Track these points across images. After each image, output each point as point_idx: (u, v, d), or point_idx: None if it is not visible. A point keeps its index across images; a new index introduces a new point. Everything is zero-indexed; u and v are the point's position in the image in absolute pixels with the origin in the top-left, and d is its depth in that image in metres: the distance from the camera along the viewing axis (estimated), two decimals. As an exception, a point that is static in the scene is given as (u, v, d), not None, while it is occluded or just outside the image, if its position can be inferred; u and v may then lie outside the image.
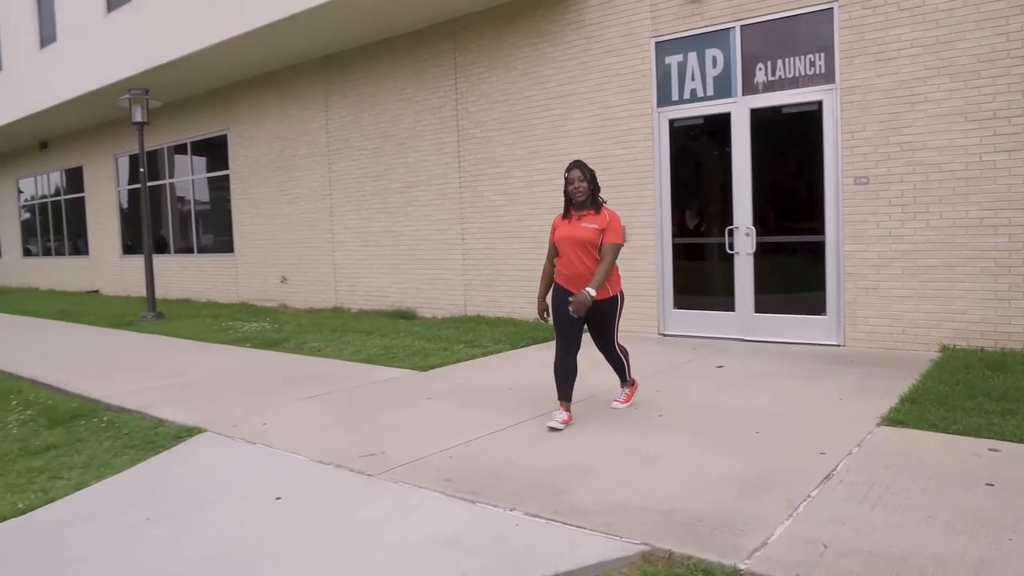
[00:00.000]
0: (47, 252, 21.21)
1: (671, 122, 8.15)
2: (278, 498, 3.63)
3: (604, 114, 8.61)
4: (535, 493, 3.51)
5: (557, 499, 3.42)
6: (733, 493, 3.41)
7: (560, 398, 4.76)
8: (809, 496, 3.34)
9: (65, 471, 4.38)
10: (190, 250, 15.26)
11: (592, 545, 2.94)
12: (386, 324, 9.69)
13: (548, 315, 4.94)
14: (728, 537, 2.93)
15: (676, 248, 8.23)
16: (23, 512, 3.71)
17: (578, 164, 4.77)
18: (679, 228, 8.24)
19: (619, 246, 4.69)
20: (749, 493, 3.41)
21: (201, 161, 15.04)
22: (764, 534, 2.94)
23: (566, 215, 4.84)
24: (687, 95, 8.00)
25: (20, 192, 22.50)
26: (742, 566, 2.69)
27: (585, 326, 4.84)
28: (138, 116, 11.70)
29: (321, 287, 12.19)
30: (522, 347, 7.84)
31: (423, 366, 6.97)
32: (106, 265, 18.14)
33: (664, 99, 8.17)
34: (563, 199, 4.86)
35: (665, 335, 8.23)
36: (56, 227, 20.58)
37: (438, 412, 5.27)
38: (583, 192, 4.71)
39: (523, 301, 9.42)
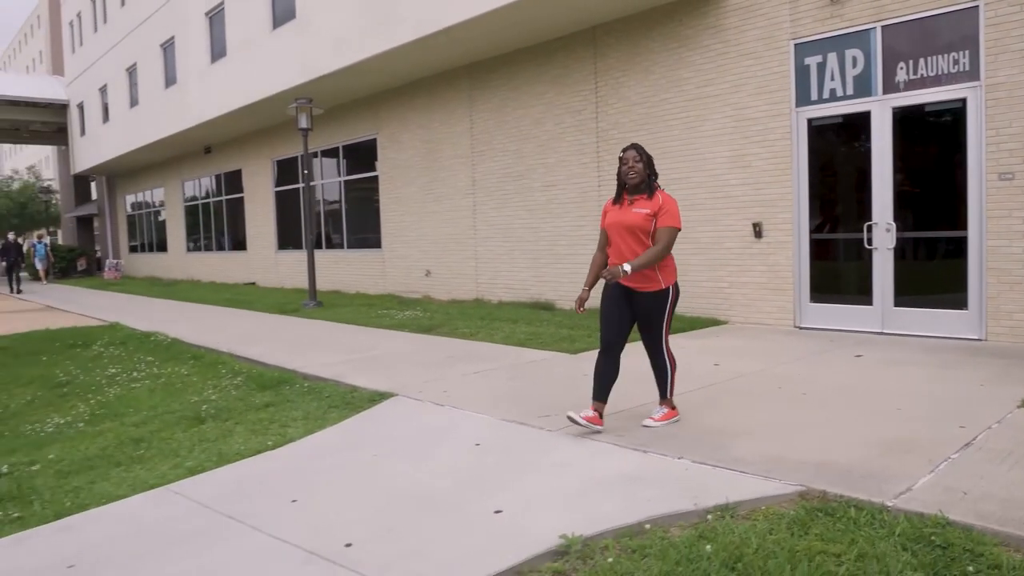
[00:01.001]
0: (208, 247, 23.34)
1: (809, 121, 8.43)
2: (477, 444, 4.35)
3: (740, 115, 8.98)
4: (698, 448, 4.06)
5: (718, 452, 3.96)
6: (877, 453, 3.85)
7: (594, 397, 4.47)
8: (949, 458, 3.73)
9: (290, 422, 5.29)
10: (340, 246, 16.57)
11: (754, 484, 3.47)
12: (529, 314, 10.41)
13: (584, 308, 4.58)
14: (875, 483, 3.39)
15: (813, 243, 8.50)
16: (272, 448, 4.59)
17: (635, 146, 4.48)
18: (816, 224, 8.51)
19: (675, 230, 4.33)
20: (892, 453, 3.83)
21: (351, 163, 16.31)
22: (908, 483, 3.38)
23: (617, 200, 4.52)
24: (826, 95, 8.27)
25: (184, 193, 24.84)
26: (889, 503, 3.15)
27: (635, 325, 4.53)
28: (304, 123, 12.96)
29: (463, 280, 13.08)
30: (661, 335, 8.34)
31: (571, 350, 7.61)
32: (262, 259, 19.87)
33: (802, 99, 8.46)
34: (625, 183, 4.45)
35: (801, 327, 8.52)
36: (217, 224, 22.63)
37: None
38: (638, 173, 4.37)
39: (658, 294, 9.92)
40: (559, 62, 11.25)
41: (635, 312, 4.47)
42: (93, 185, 35.18)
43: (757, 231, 8.83)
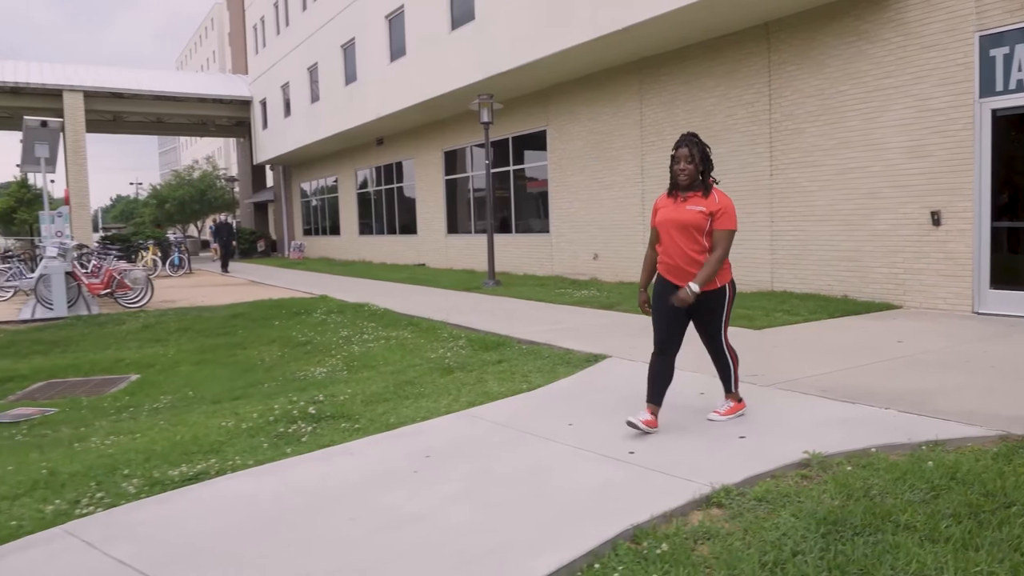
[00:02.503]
0: (379, 231, 25.31)
1: (994, 112, 8.65)
2: (702, 393, 5.21)
3: (922, 105, 9.27)
4: (899, 402, 4.74)
5: (919, 405, 4.63)
6: (1071, 412, 4.40)
7: (648, 400, 4.37)
8: None
9: (528, 373, 6.33)
10: (509, 230, 17.78)
11: (957, 428, 4.14)
12: (700, 295, 11.11)
13: (649, 306, 4.53)
14: (1070, 432, 3.98)
15: (995, 231, 8.73)
16: (527, 391, 5.64)
17: (687, 141, 4.24)
18: (998, 212, 8.73)
19: (733, 233, 4.19)
20: (1085, 412, 4.37)
21: (521, 154, 17.45)
22: (1101, 432, 3.95)
23: (671, 195, 4.36)
24: (1012, 85, 8.46)
25: (357, 180, 26.98)
26: (1085, 445, 3.76)
27: (691, 321, 4.42)
28: (485, 117, 14.15)
29: (631, 263, 13.89)
30: (838, 317, 8.86)
31: (753, 326, 8.29)
32: (432, 242, 21.47)
33: (986, 90, 8.68)
34: (674, 179, 4.32)
35: (979, 313, 8.78)
36: (388, 210, 24.52)
37: (786, 356, 6.59)
38: (688, 176, 4.20)
39: (830, 279, 10.36)
40: (730, 56, 11.80)
41: (691, 313, 4.31)
42: (269, 173, 38.51)
43: (935, 219, 9.13)
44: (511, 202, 17.80)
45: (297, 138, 27.72)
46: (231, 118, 35.86)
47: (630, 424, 4.25)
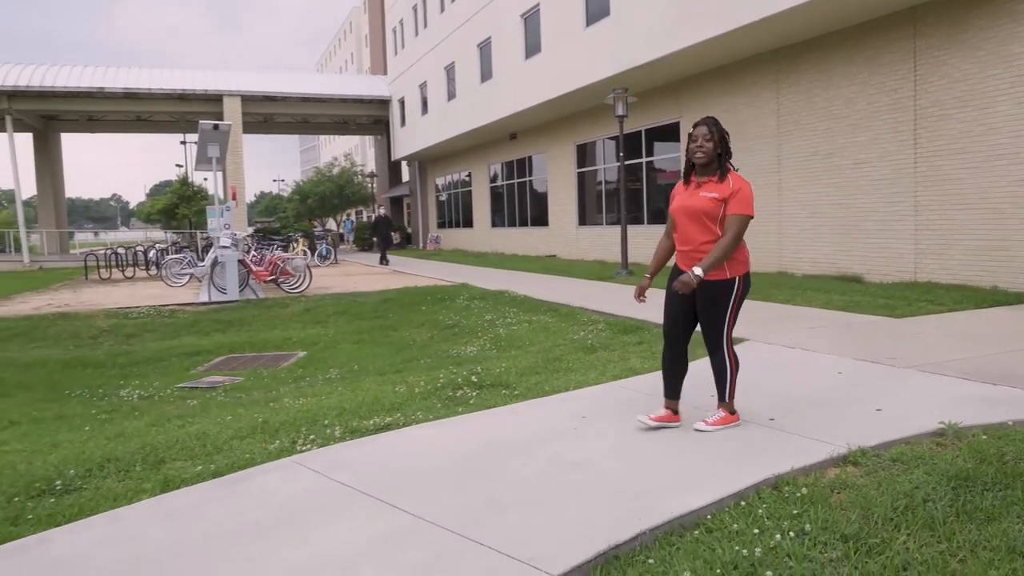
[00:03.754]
0: (511, 223, 26.12)
1: None
2: (840, 372, 5.44)
3: (1083, 88, 8.89)
4: (1044, 384, 4.81)
5: (1065, 388, 4.69)
6: None
7: (665, 395, 4.31)
8: None
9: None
10: (640, 221, 18.05)
11: (1104, 409, 4.22)
12: (838, 285, 11.06)
13: (644, 297, 4.49)
14: None
15: None
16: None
17: (707, 121, 4.06)
18: None
19: (747, 218, 3.96)
20: None
21: (653, 145, 17.67)
22: None
23: (686, 181, 4.18)
24: None
25: (490, 174, 27.91)
26: None
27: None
28: (620, 110, 14.50)
29: (764, 254, 13.88)
30: (986, 307, 8.67)
31: (892, 315, 8.28)
32: (563, 234, 22.02)
33: None
34: (689, 161, 4.14)
35: None
36: (521, 202, 25.27)
37: (927, 342, 6.65)
38: (705, 153, 4.00)
39: (979, 269, 10.07)
40: (872, 43, 11.60)
41: (695, 303, 4.15)
42: (404, 169, 40.29)
43: (1097, 206, 8.75)
44: (643, 194, 18.05)
45: (433, 135, 28.97)
46: (370, 116, 37.80)
47: (640, 421, 4.16)
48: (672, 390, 4.28)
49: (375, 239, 26.97)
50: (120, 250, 24.59)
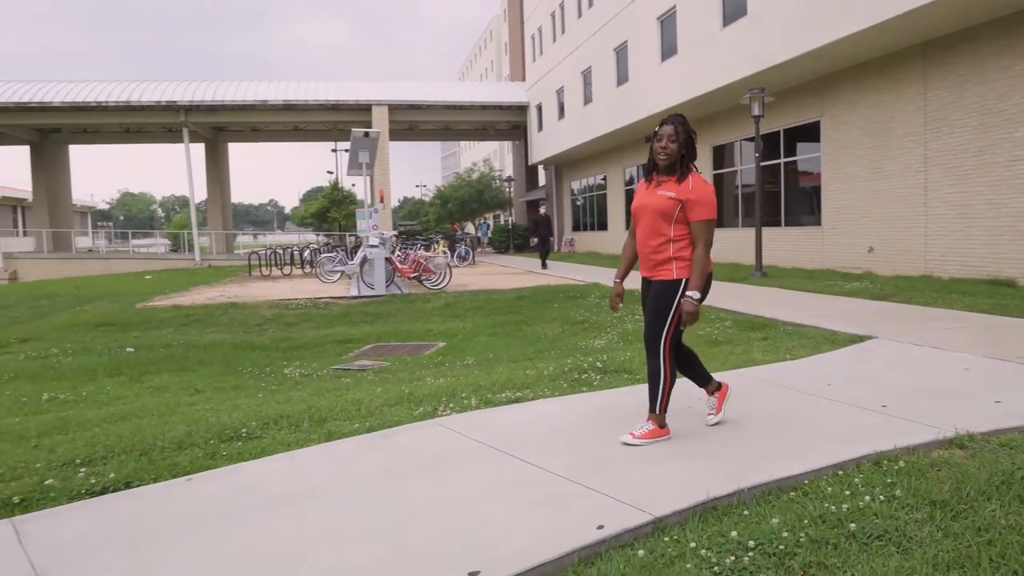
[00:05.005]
0: (646, 226, 26.14)
1: None
2: (966, 369, 5.42)
3: None
4: None
5: None
6: None
7: (699, 386, 4.33)
8: None
9: (791, 348, 6.83)
10: (777, 223, 17.74)
11: None
12: (987, 289, 10.58)
13: (621, 302, 4.37)
14: None
15: None
16: (789, 360, 6.19)
17: (673, 120, 3.91)
18: None
19: (712, 223, 3.89)
20: None
21: (791, 146, 17.34)
22: None
23: (648, 179, 4.04)
24: None
25: (625, 177, 28.07)
26: None
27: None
28: (756, 110, 14.40)
29: (909, 256, 13.39)
30: None
31: (1041, 317, 7.93)
32: (698, 236, 21.87)
33: None
34: (652, 161, 4.00)
35: None
36: (655, 206, 25.27)
37: (1074, 343, 6.40)
38: (669, 155, 3.85)
39: None
40: (1032, 33, 11.00)
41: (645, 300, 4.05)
42: (541, 173, 41.07)
43: None
44: (780, 195, 17.73)
45: (569, 139, 29.49)
46: (509, 122, 38.86)
47: (623, 443, 3.87)
48: (701, 380, 4.29)
49: (534, 240, 25.03)
50: (279, 250, 26.69)
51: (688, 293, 3.85)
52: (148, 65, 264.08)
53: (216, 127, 38.47)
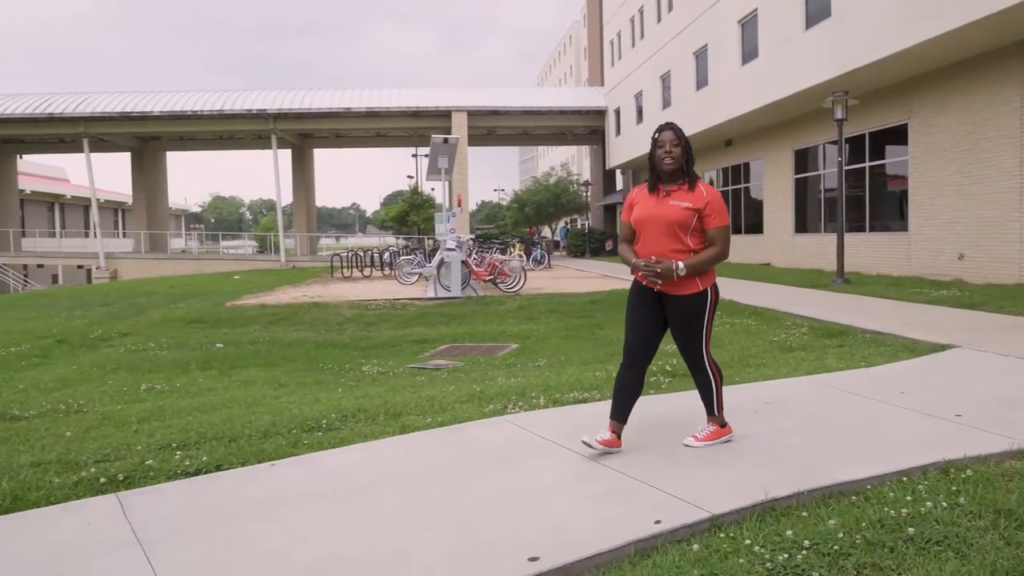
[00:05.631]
0: (724, 231, 25.76)
1: None
2: (1052, 379, 5.23)
3: None
4: None
5: None
6: None
7: (611, 416, 3.93)
8: None
9: (867, 356, 6.70)
10: (861, 229, 17.24)
11: None
12: (1086, 297, 10.06)
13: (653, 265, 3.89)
14: None
15: None
16: (864, 367, 6.09)
17: (671, 126, 3.86)
18: None
19: (728, 228, 3.86)
20: None
21: (877, 149, 16.83)
22: None
23: (652, 189, 3.90)
24: None
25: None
26: None
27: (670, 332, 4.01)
28: (839, 114, 14.07)
29: (1003, 264, 12.83)
30: None
31: None
32: (778, 241, 21.46)
33: None
34: (655, 169, 3.89)
35: None
36: (735, 209, 24.89)
37: None
38: (674, 160, 3.77)
39: None
40: None
41: (668, 320, 3.94)
42: (619, 177, 40.92)
43: None
44: (865, 200, 17.23)
45: (647, 143, 29.16)
46: (586, 127, 38.88)
47: (585, 443, 3.80)
48: (622, 411, 3.93)
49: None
50: (360, 252, 27.47)
51: (680, 262, 3.70)
52: (238, 74, 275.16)
53: (302, 134, 39.83)
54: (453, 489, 3.43)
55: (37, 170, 46.73)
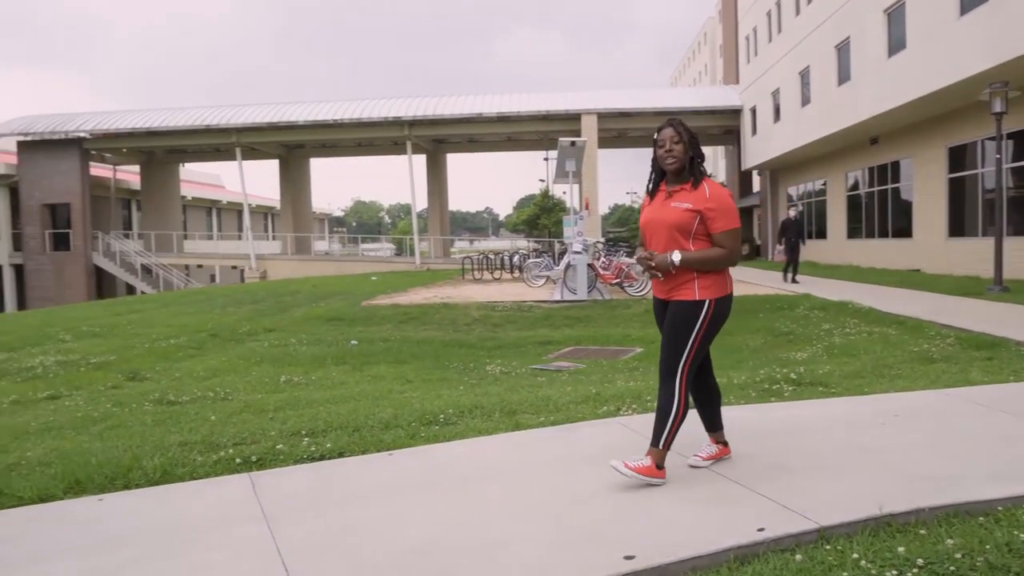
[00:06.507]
0: (868, 234, 24.41)
1: None
2: None
3: None
4: None
5: None
6: None
7: (708, 431, 3.82)
8: None
9: (1017, 371, 6.20)
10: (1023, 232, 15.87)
11: None
12: None
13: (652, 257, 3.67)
14: None
15: None
16: (1015, 382, 5.64)
17: (672, 123, 3.58)
18: None
19: (737, 232, 3.50)
20: None
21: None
22: None
23: (654, 191, 3.67)
24: None
25: (847, 183, 26.37)
26: None
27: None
28: (997, 107, 13.03)
29: None
30: None
31: None
32: (929, 246, 20.07)
33: None
34: (663, 171, 3.62)
35: None
36: (880, 212, 23.53)
37: None
38: (676, 158, 3.49)
39: None
40: None
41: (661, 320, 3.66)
42: (755, 179, 39.59)
43: None
44: (1029, 200, 15.84)
45: (785, 142, 28.20)
46: (721, 127, 37.83)
47: (614, 468, 3.43)
48: (711, 424, 3.77)
49: (781, 247, 19.56)
50: (491, 255, 28.02)
51: (675, 252, 3.43)
52: (376, 84, 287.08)
53: (436, 139, 41.06)
54: (556, 485, 3.49)
55: (197, 177, 50.72)
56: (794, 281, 17.56)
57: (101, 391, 7.80)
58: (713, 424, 3.75)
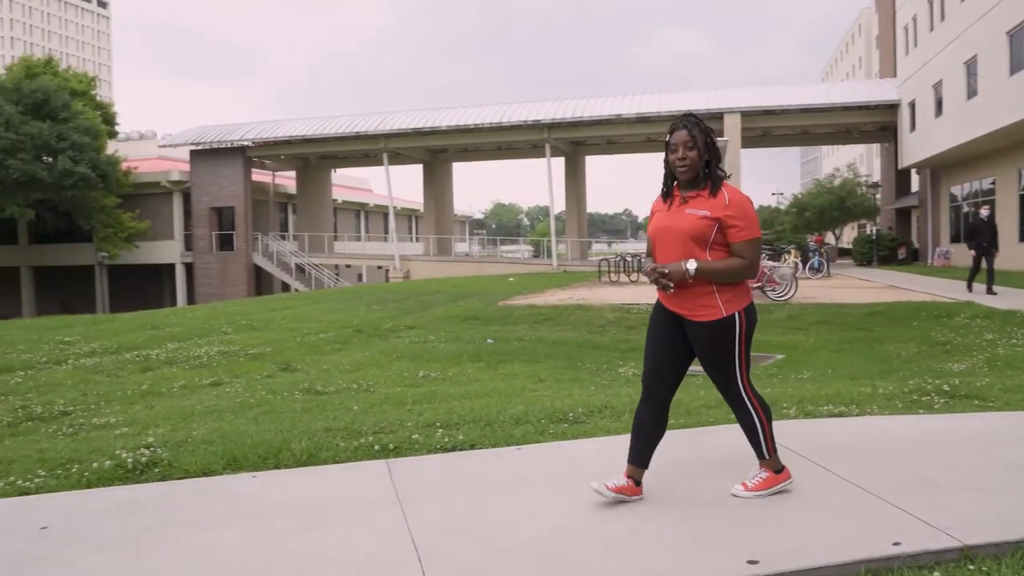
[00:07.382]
0: (1045, 237, 22.29)
1: None
2: None
3: None
4: None
5: None
6: None
7: (629, 460, 3.35)
8: None
9: None
10: None
11: None
12: None
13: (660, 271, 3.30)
14: None
15: None
16: None
17: (686, 122, 3.21)
18: None
19: (758, 242, 3.21)
20: None
21: None
22: None
23: (667, 196, 3.35)
24: None
25: (1021, 182, 24.18)
26: None
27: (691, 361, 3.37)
28: None
29: None
30: None
31: None
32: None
33: None
34: (674, 174, 3.30)
35: None
36: (1058, 213, 21.43)
37: None
38: (689, 166, 3.18)
39: None
40: None
41: (692, 348, 3.32)
42: (914, 178, 37.03)
43: None
44: None
45: (948, 138, 26.21)
46: (875, 123, 35.69)
47: (595, 491, 3.28)
48: (638, 456, 3.36)
49: (975, 249, 16.16)
50: (628, 257, 27.80)
51: (690, 262, 3.15)
52: (516, 88, 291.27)
53: (575, 142, 41.17)
54: (682, 486, 3.49)
55: (346, 182, 53.46)
56: (990, 292, 14.99)
57: (257, 380, 8.45)
58: (643, 459, 3.37)
